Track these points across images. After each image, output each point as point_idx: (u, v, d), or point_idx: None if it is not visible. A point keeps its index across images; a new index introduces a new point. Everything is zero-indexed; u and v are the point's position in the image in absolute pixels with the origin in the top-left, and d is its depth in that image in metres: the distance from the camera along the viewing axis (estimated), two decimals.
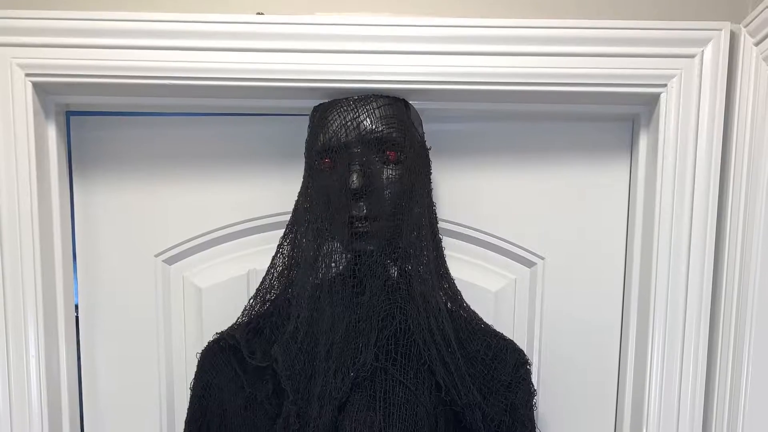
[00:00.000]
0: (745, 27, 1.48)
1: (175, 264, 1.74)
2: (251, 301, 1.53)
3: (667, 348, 1.56)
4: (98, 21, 1.45)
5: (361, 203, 1.40)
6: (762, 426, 1.52)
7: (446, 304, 1.50)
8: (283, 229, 1.52)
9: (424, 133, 1.51)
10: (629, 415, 1.62)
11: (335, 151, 1.41)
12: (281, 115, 1.65)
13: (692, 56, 1.48)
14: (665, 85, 1.50)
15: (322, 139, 1.43)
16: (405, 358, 1.41)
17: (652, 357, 1.56)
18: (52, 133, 1.60)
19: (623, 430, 1.62)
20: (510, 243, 1.69)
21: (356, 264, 1.45)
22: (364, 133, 1.40)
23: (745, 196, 1.50)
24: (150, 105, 1.62)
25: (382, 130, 1.41)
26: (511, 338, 1.53)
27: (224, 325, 1.54)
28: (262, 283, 1.53)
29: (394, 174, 1.42)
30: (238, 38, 1.46)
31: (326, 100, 1.46)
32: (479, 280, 1.69)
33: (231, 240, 1.74)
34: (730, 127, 1.51)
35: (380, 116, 1.42)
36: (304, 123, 1.50)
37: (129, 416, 1.72)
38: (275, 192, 1.68)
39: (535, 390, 1.51)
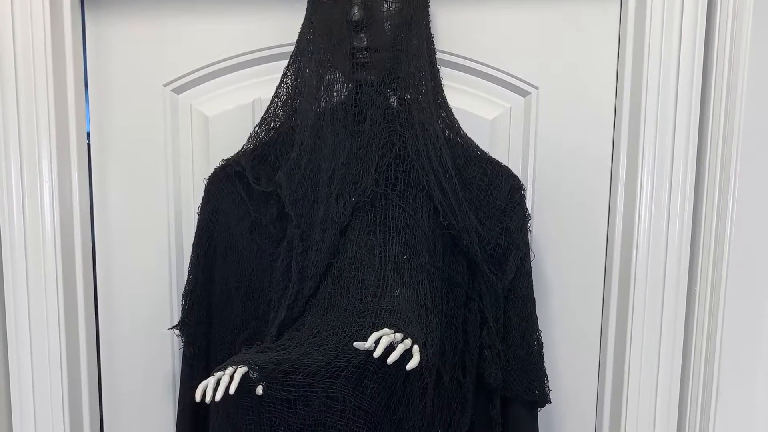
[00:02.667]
0: None
1: (183, 93, 1.73)
2: (256, 129, 1.53)
3: (656, 171, 1.57)
4: None
5: (362, 35, 1.39)
6: (749, 243, 1.56)
7: (444, 132, 1.50)
8: (287, 60, 1.52)
9: None
10: (620, 237, 1.63)
11: None
12: None
13: None
14: None
15: None
16: (404, 184, 1.43)
17: (641, 182, 1.58)
18: None
19: (614, 251, 1.64)
20: (505, 73, 1.67)
21: (357, 93, 1.45)
22: None
23: (733, 14, 1.49)
24: None
25: None
26: (506, 165, 1.53)
27: (230, 152, 1.55)
28: (266, 111, 1.53)
29: (393, 7, 1.41)
30: None
31: None
32: (475, 108, 1.68)
33: (237, 70, 1.72)
34: None
35: None
36: None
37: (139, 240, 1.75)
38: (280, 23, 1.65)
39: (529, 214, 1.52)
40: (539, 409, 1.52)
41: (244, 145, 1.54)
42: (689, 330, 1.59)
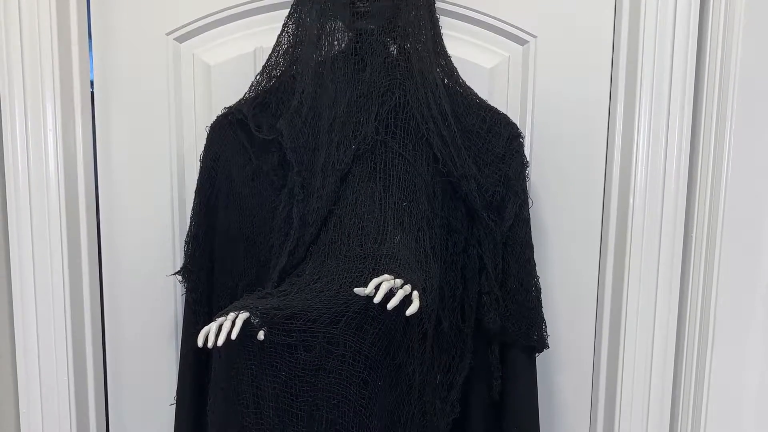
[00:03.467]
0: None
1: (186, 42, 1.72)
2: (258, 77, 1.52)
3: (653, 118, 1.57)
4: None
5: None
6: (746, 188, 1.55)
7: (443, 81, 1.49)
8: (289, 9, 1.50)
9: None
10: (617, 183, 1.63)
11: None
12: None
13: None
14: None
15: None
16: (404, 132, 1.42)
17: (638, 129, 1.58)
18: None
19: (611, 198, 1.64)
20: (504, 22, 1.66)
21: (357, 42, 1.44)
22: None
23: None
24: None
25: None
26: (505, 113, 1.52)
27: (232, 100, 1.53)
28: (268, 60, 1.52)
29: None
30: None
31: None
32: (474, 57, 1.67)
33: (239, 19, 1.71)
34: None
35: None
36: None
37: (142, 187, 1.74)
38: None
39: (527, 162, 1.51)
40: (537, 354, 1.52)
41: (245, 94, 1.52)
42: (686, 275, 1.59)
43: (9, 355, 1.67)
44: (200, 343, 1.20)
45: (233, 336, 1.19)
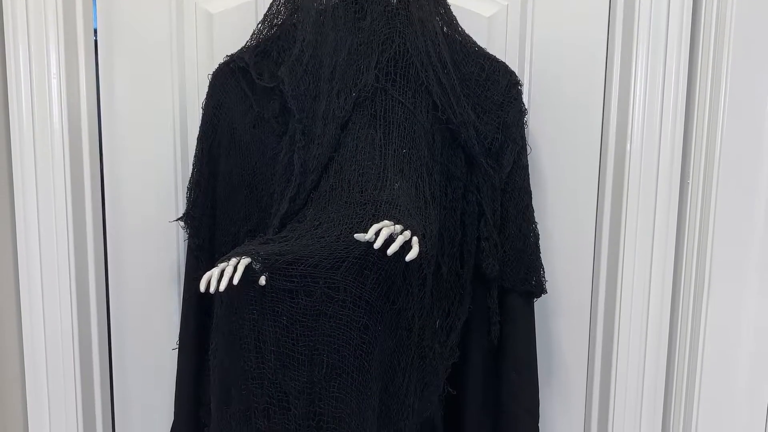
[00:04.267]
0: None
1: None
2: (259, 25, 1.50)
3: (649, 65, 1.56)
4: None
5: None
6: (742, 135, 1.54)
7: (442, 29, 1.47)
8: None
9: None
10: (614, 130, 1.63)
11: None
12: None
13: None
14: None
15: None
16: (404, 80, 1.41)
17: (635, 77, 1.58)
18: None
19: (609, 144, 1.64)
20: None
21: None
22: None
23: None
24: None
25: None
26: (503, 61, 1.50)
27: (234, 48, 1.52)
28: (269, 8, 1.50)
29: None
30: None
31: None
32: (473, 5, 1.66)
33: None
34: None
35: None
36: None
37: (145, 134, 1.73)
38: None
39: (525, 109, 1.50)
40: (535, 299, 1.53)
41: (247, 42, 1.51)
42: (682, 220, 1.59)
43: (13, 298, 1.68)
44: (202, 288, 1.20)
45: (235, 281, 1.19)
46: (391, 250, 1.19)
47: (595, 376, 1.68)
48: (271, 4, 1.50)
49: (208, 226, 1.54)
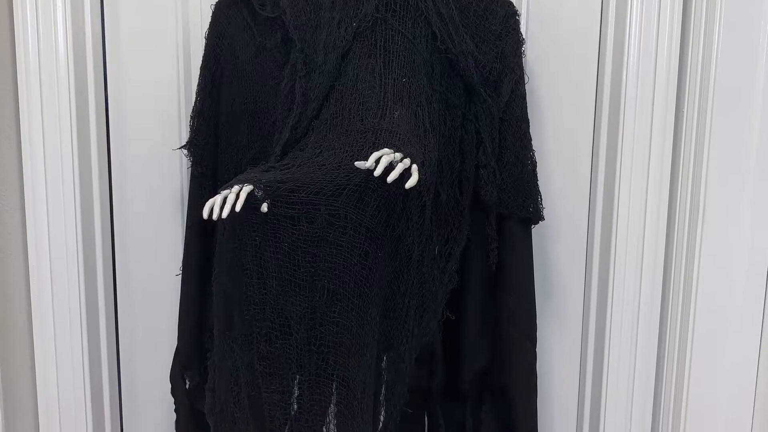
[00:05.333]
0: None
1: None
2: None
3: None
4: None
5: None
6: (735, 64, 1.54)
7: None
8: None
9: None
10: (611, 58, 1.61)
11: None
12: None
13: None
14: None
15: None
16: (403, 10, 1.39)
17: (631, 4, 1.56)
18: None
19: (605, 72, 1.63)
20: None
21: None
22: None
23: None
24: None
25: None
26: None
27: None
28: None
29: None
30: None
31: None
32: None
33: None
34: None
35: None
36: None
37: (149, 64, 1.72)
38: None
39: (523, 39, 1.50)
40: (533, 225, 1.53)
41: None
42: (677, 146, 1.59)
43: (19, 223, 1.69)
44: (205, 215, 1.21)
45: (237, 208, 1.19)
46: (390, 178, 1.19)
47: (592, 300, 1.68)
48: None
49: (211, 154, 1.54)
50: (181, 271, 1.58)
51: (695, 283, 1.58)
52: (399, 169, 1.20)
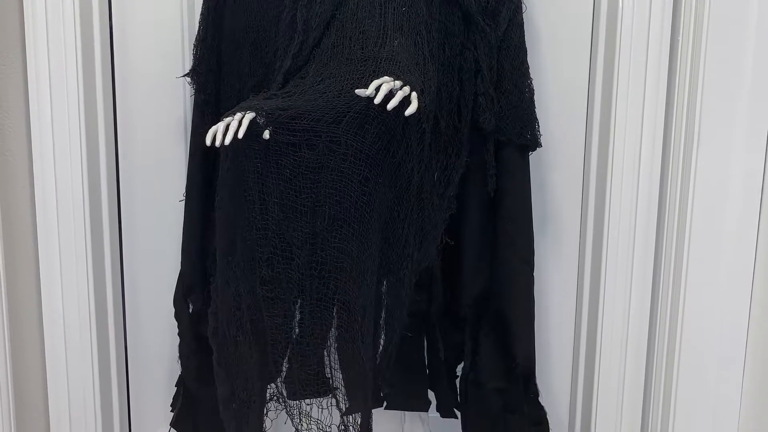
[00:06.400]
0: None
1: None
2: None
3: None
4: None
5: None
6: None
7: None
8: None
9: None
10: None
11: None
12: None
13: None
14: None
15: None
16: None
17: None
18: None
19: (601, 6, 1.63)
20: None
21: None
22: None
23: None
24: None
25: None
26: None
27: None
28: None
29: None
30: None
31: None
32: None
33: None
34: None
35: None
36: None
37: None
38: None
39: None
40: (530, 152, 1.55)
41: None
42: (673, 71, 1.59)
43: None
44: (208, 141, 1.22)
45: (240, 135, 1.21)
46: (390, 105, 1.20)
47: (589, 224, 1.69)
48: None
49: (214, 82, 1.55)
50: (184, 197, 1.60)
51: (690, 205, 1.57)
52: (399, 96, 1.21)
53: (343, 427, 1.42)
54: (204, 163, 1.56)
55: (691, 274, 1.59)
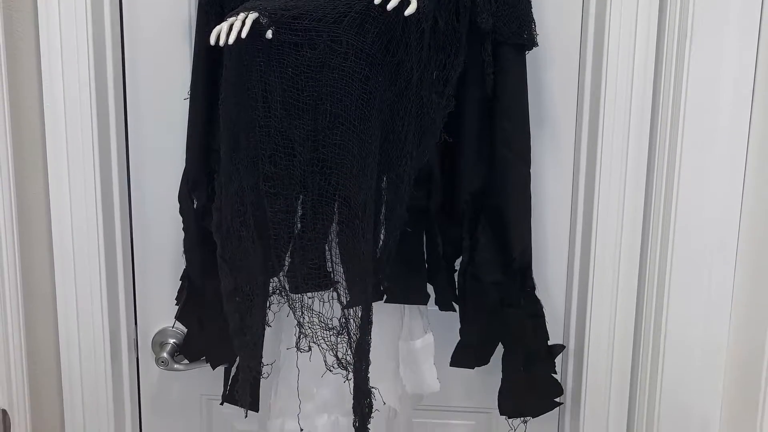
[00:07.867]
0: None
1: None
2: None
3: None
4: None
5: None
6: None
7: None
8: None
9: None
10: None
11: None
12: None
13: None
14: None
15: None
16: None
17: None
18: None
19: None
20: None
21: None
22: None
23: None
24: None
25: None
26: None
27: None
28: None
29: None
30: None
31: None
32: None
33: None
34: None
35: None
36: None
37: None
38: None
39: None
40: (527, 52, 1.56)
41: None
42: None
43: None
44: (212, 41, 1.25)
45: (243, 34, 1.24)
46: (390, 6, 1.23)
47: (584, 121, 1.73)
48: None
49: None
50: (188, 95, 1.61)
51: (683, 99, 1.56)
52: None
53: (344, 320, 1.46)
54: (208, 63, 1.56)
55: (685, 159, 1.59)
